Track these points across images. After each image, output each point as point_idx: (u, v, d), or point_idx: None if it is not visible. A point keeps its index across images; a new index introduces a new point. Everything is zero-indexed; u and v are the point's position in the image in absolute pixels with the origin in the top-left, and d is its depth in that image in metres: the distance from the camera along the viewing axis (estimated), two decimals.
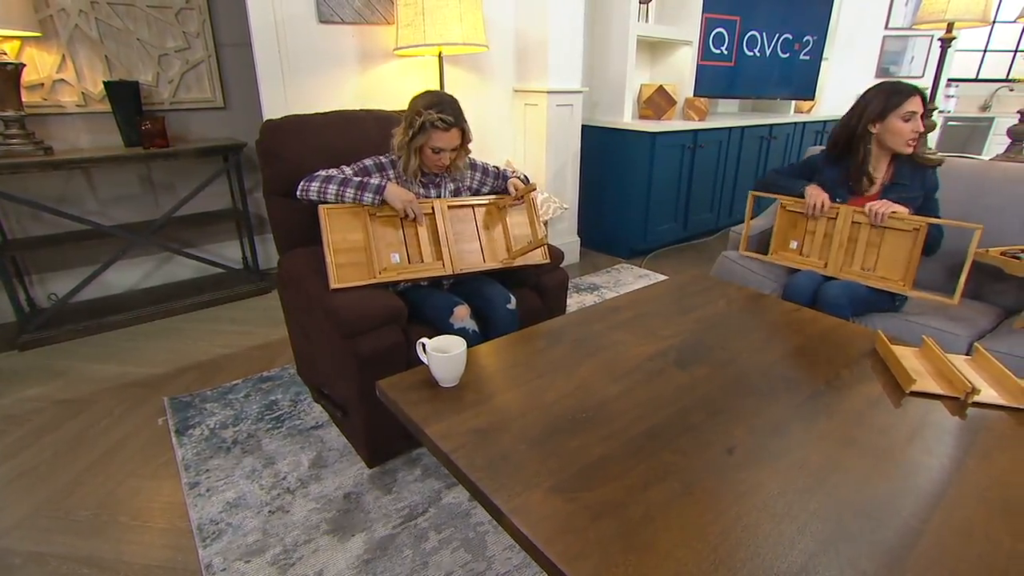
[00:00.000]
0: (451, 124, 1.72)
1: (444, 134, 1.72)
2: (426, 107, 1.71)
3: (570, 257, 3.64)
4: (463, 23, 2.45)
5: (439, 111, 1.70)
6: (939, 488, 0.97)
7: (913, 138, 1.85)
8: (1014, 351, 1.66)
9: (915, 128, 1.83)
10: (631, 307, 1.70)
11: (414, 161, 1.78)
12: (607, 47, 3.48)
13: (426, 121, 1.70)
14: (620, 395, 1.22)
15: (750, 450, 1.04)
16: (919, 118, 1.83)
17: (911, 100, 1.82)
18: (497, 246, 1.92)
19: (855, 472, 1.00)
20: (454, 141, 1.75)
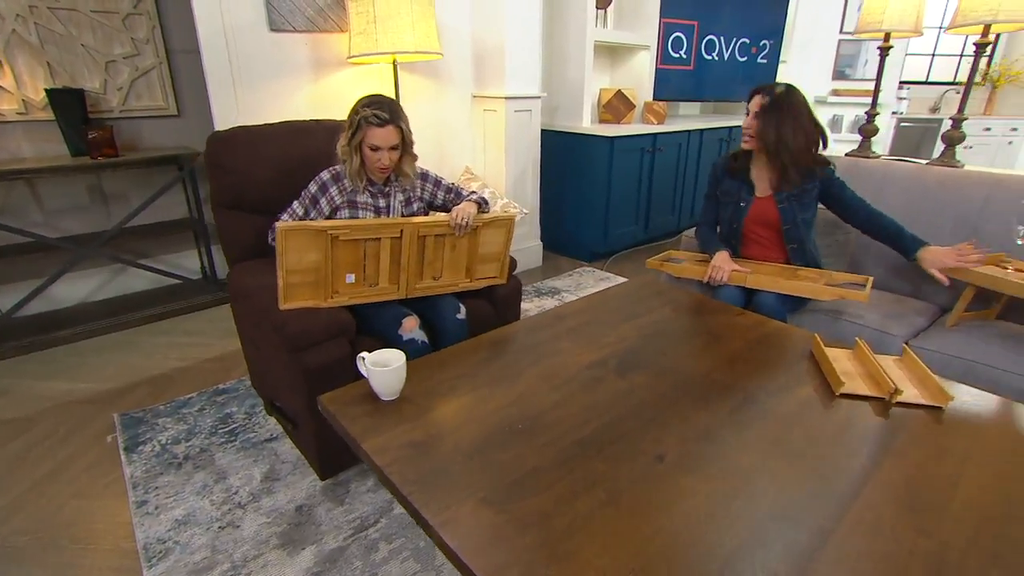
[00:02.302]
0: (386, 120, 1.72)
1: (379, 130, 1.72)
2: (363, 106, 1.73)
3: (532, 261, 3.67)
4: (415, 31, 2.45)
5: (374, 108, 1.71)
6: (855, 488, 1.00)
7: (747, 136, 1.97)
8: (944, 349, 1.73)
9: (747, 124, 1.96)
10: (578, 315, 1.73)
11: (356, 160, 1.77)
12: (565, 52, 3.52)
13: (361, 118, 1.71)
14: (558, 404, 1.25)
15: (680, 457, 1.07)
16: (753, 115, 1.94)
17: (752, 100, 1.95)
18: (459, 266, 1.90)
19: (779, 476, 1.03)
20: (391, 139, 1.74)
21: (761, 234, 2.09)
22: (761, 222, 2.06)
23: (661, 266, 2.17)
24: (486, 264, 1.96)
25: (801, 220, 2.00)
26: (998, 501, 0.98)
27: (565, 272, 3.59)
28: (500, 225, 1.91)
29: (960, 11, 2.17)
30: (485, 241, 1.91)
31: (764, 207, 2.04)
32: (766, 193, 2.03)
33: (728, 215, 2.12)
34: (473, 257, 1.90)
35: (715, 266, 1.97)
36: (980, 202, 2.07)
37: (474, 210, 1.83)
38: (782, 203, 1.99)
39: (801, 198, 1.98)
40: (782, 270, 2.01)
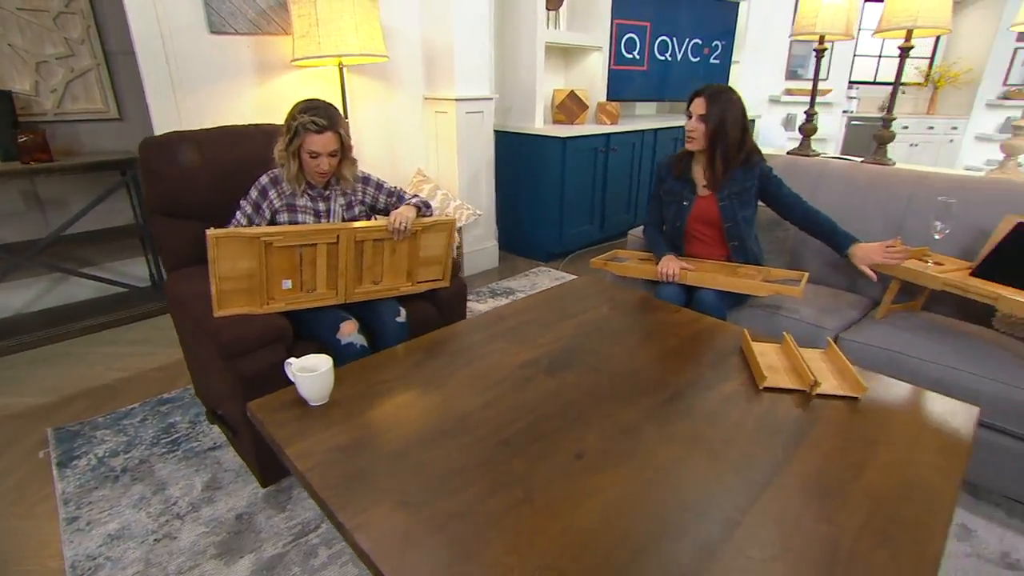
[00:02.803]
0: (324, 127, 1.71)
1: (318, 137, 1.71)
2: (300, 112, 1.71)
3: (488, 262, 3.68)
4: (359, 33, 2.44)
5: (312, 115, 1.70)
6: (767, 479, 1.04)
7: (690, 136, 2.01)
8: (871, 341, 1.80)
9: (688, 128, 2.00)
10: (517, 315, 1.75)
11: (294, 165, 1.76)
12: (517, 54, 3.54)
13: (299, 125, 1.70)
14: (486, 405, 1.26)
15: (598, 454, 1.10)
16: (697, 117, 1.98)
17: (694, 101, 1.99)
18: (400, 270, 1.90)
19: (695, 469, 1.06)
20: (330, 145, 1.74)
21: (704, 232, 2.13)
22: (703, 220, 2.10)
23: (605, 265, 2.21)
24: (428, 267, 1.96)
25: (742, 218, 2.05)
26: (896, 485, 1.03)
27: (521, 272, 3.61)
28: (440, 229, 1.92)
29: (885, 16, 2.26)
30: (426, 245, 1.91)
31: (706, 206, 2.08)
32: (707, 192, 2.08)
33: (672, 214, 2.17)
34: (414, 261, 1.90)
35: (664, 272, 2.01)
36: (906, 199, 2.16)
37: (412, 214, 1.83)
38: (723, 201, 2.04)
39: (741, 196, 2.04)
40: (722, 267, 2.06)
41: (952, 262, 1.87)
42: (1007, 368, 1.58)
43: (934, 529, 0.93)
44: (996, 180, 2.08)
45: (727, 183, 2.03)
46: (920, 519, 0.95)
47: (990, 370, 1.57)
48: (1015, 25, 2.10)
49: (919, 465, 1.09)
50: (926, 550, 0.88)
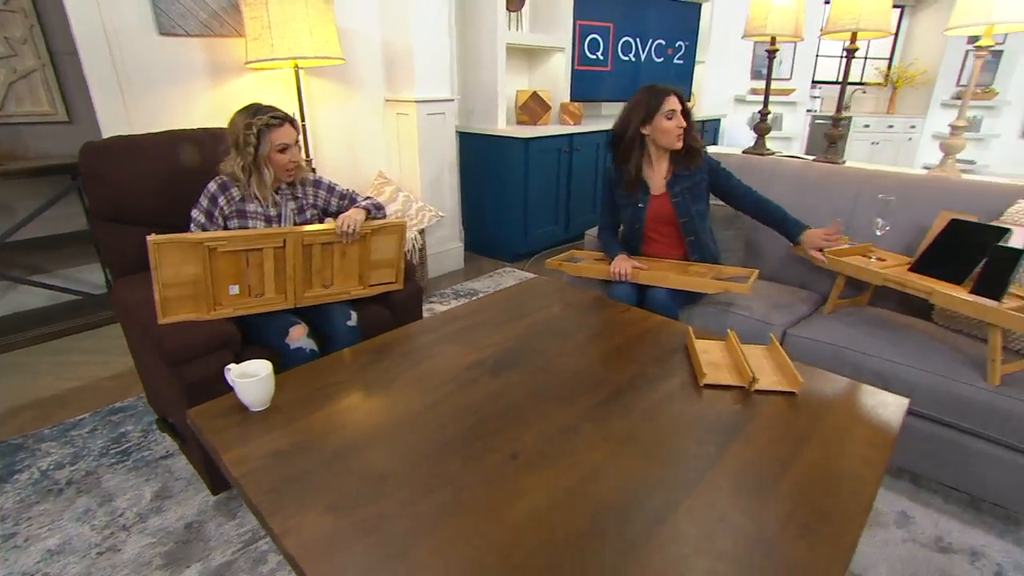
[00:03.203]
0: (283, 118, 1.73)
1: (281, 129, 1.71)
2: (252, 117, 1.70)
3: (454, 263, 3.67)
4: (313, 36, 2.42)
5: (267, 113, 1.71)
6: (699, 475, 1.06)
7: (679, 134, 2.00)
8: (817, 336, 1.83)
9: (678, 124, 1.99)
10: (468, 316, 1.75)
11: (269, 174, 1.74)
12: (478, 55, 3.54)
13: (261, 126, 1.69)
14: (426, 408, 1.26)
15: (534, 454, 1.11)
16: (680, 114, 1.99)
17: (668, 99, 1.98)
18: (351, 273, 1.88)
19: (629, 467, 1.08)
20: (293, 134, 1.75)
21: (661, 231, 2.16)
22: (660, 219, 2.13)
23: (560, 266, 2.22)
24: (380, 270, 1.95)
25: (696, 212, 2.08)
26: (823, 477, 1.05)
27: (486, 273, 3.61)
28: (391, 231, 1.91)
29: (830, 19, 2.31)
30: (377, 247, 1.91)
31: (661, 204, 2.11)
32: (661, 190, 2.11)
33: (629, 217, 2.18)
34: (365, 264, 1.89)
35: (616, 271, 2.03)
36: (853, 196, 2.21)
37: (361, 217, 1.82)
38: (676, 197, 2.07)
39: (693, 191, 2.07)
40: (674, 266, 2.09)
41: (895, 258, 1.92)
42: (943, 360, 1.62)
43: (853, 519, 0.95)
44: (935, 178, 2.14)
45: (679, 180, 2.07)
46: (841, 510, 0.97)
47: (926, 363, 1.62)
48: (948, 30, 2.16)
49: (847, 457, 1.12)
50: (843, 539, 0.91)
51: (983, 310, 1.49)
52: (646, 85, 2.05)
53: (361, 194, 2.02)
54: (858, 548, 1.53)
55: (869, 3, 2.22)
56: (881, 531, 1.60)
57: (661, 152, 2.09)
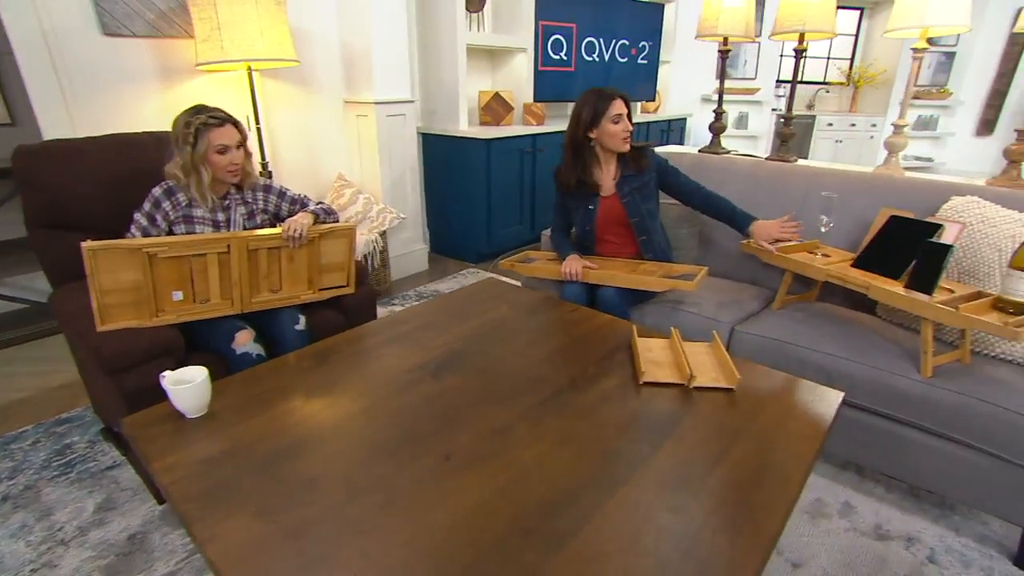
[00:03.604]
0: (223, 119, 1.70)
1: (221, 130, 1.68)
2: (191, 117, 1.68)
3: (418, 265, 3.66)
4: (265, 37, 2.39)
5: (206, 113, 1.68)
6: (628, 473, 1.07)
7: (625, 136, 2.01)
8: (763, 332, 1.86)
9: (625, 128, 2.00)
10: (417, 318, 1.75)
11: (207, 175, 1.71)
12: (439, 56, 3.53)
13: (199, 126, 1.66)
14: (363, 411, 1.25)
15: (467, 455, 1.10)
16: (626, 118, 2.00)
17: (614, 103, 1.98)
18: (300, 278, 1.86)
19: (560, 466, 1.08)
20: (234, 135, 1.71)
21: (613, 231, 2.18)
22: (611, 220, 2.14)
23: (512, 266, 2.22)
24: (331, 274, 1.94)
25: (646, 211, 2.10)
26: (751, 471, 1.07)
27: (451, 275, 3.60)
28: (340, 235, 1.90)
29: (778, 20, 2.35)
30: (326, 251, 1.89)
31: (611, 205, 2.12)
32: (610, 191, 2.12)
33: (580, 219, 2.19)
34: (314, 268, 1.87)
35: (566, 271, 2.04)
36: (801, 194, 2.25)
37: (308, 220, 1.81)
38: (625, 198, 2.09)
39: (642, 191, 2.10)
40: (625, 264, 2.11)
41: (839, 254, 1.96)
42: (882, 354, 1.66)
43: (776, 512, 0.97)
44: (878, 175, 2.20)
45: (627, 180, 2.09)
46: (766, 503, 0.99)
47: (866, 356, 1.66)
48: (887, 32, 2.22)
49: (777, 451, 1.14)
50: (764, 533, 0.93)
51: (914, 304, 1.53)
52: (592, 88, 2.05)
53: (314, 199, 2.00)
54: (801, 539, 1.57)
55: (814, 6, 2.26)
56: (825, 521, 1.63)
57: (609, 155, 2.11)
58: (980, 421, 1.44)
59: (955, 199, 1.88)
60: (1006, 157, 2.03)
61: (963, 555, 1.52)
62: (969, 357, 1.64)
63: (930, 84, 7.06)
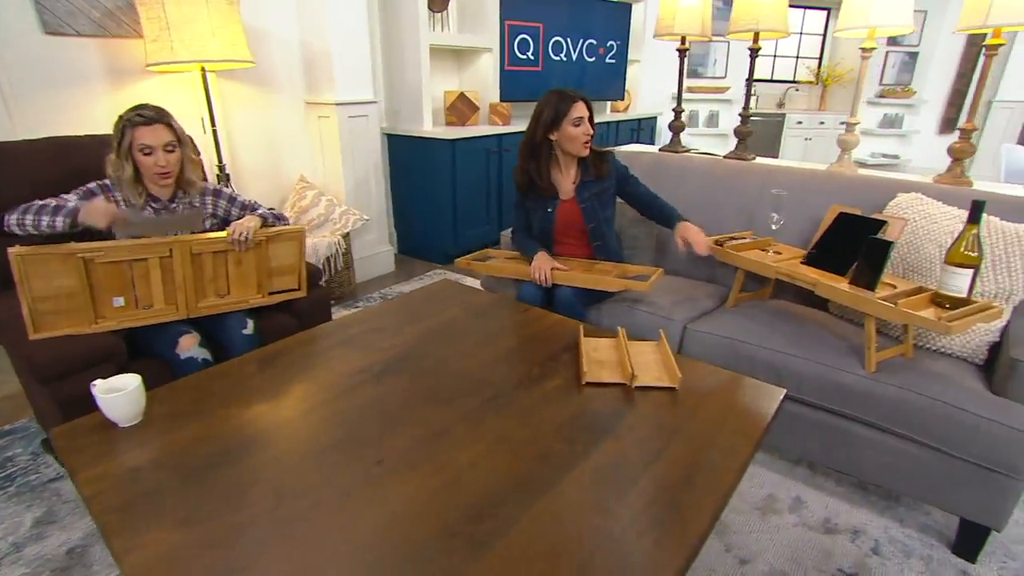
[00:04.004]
0: (151, 118, 1.64)
1: (147, 128, 1.64)
2: (124, 113, 1.65)
3: (384, 267, 3.63)
4: (218, 37, 2.35)
5: (136, 110, 1.65)
6: (562, 474, 1.06)
7: (586, 140, 1.98)
8: (715, 331, 1.86)
9: (586, 131, 1.97)
10: (368, 320, 1.73)
11: (128, 169, 1.66)
12: (402, 56, 3.50)
13: (125, 122, 1.63)
14: (300, 416, 1.23)
15: (401, 459, 1.09)
16: (587, 121, 1.98)
17: (576, 106, 1.95)
18: (248, 282, 1.83)
19: (494, 468, 1.07)
20: (161, 136, 1.66)
21: (571, 234, 2.16)
22: (569, 224, 2.13)
23: (469, 265, 2.21)
24: (281, 277, 1.91)
25: (603, 218, 2.10)
26: (685, 470, 1.07)
27: (417, 276, 3.58)
28: (289, 238, 1.87)
29: (733, 20, 2.37)
30: (275, 255, 1.86)
31: (569, 209, 2.11)
32: (569, 195, 2.10)
33: (538, 221, 2.16)
34: (263, 272, 1.84)
35: (536, 267, 2.00)
36: (756, 191, 2.27)
37: (254, 224, 1.78)
38: (584, 203, 2.08)
39: (601, 197, 2.09)
40: (580, 264, 2.10)
41: (791, 251, 1.98)
42: (829, 350, 1.68)
43: (704, 511, 0.97)
44: (832, 173, 2.23)
45: (587, 186, 2.07)
46: (695, 503, 0.99)
47: (814, 352, 1.67)
48: (837, 31, 2.25)
49: (713, 449, 1.14)
50: (690, 532, 0.93)
51: (857, 300, 1.55)
52: (554, 89, 2.02)
53: (266, 205, 1.97)
54: (751, 535, 1.58)
55: (767, 5, 2.28)
56: (775, 517, 1.64)
57: (569, 158, 2.08)
58: (919, 415, 1.46)
59: (901, 196, 1.91)
60: (950, 155, 2.07)
61: (905, 545, 1.55)
62: (912, 351, 1.67)
63: (895, 83, 7.20)
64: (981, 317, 1.41)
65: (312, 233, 3.10)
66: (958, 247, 1.46)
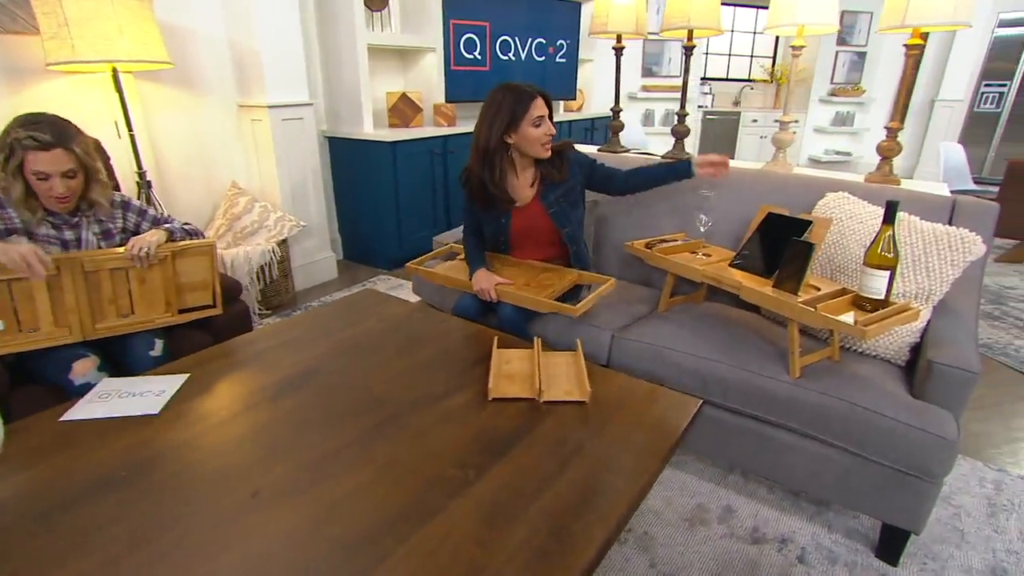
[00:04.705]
0: (49, 143, 1.48)
1: (44, 155, 1.48)
2: (18, 127, 1.48)
3: (325, 274, 3.51)
4: (127, 36, 2.21)
5: (31, 129, 1.47)
6: (447, 501, 0.98)
7: (546, 142, 1.81)
8: (642, 338, 1.80)
9: (547, 131, 1.80)
10: (279, 334, 1.64)
11: (17, 188, 1.51)
12: (340, 57, 3.39)
13: (14, 141, 1.47)
14: (178, 447, 1.14)
15: (279, 489, 1.01)
16: (548, 120, 1.81)
17: (535, 104, 1.77)
18: (155, 300, 1.71)
19: (377, 497, 1.00)
20: (61, 163, 1.50)
21: (532, 241, 1.99)
22: (528, 231, 1.97)
23: (417, 271, 2.09)
24: (194, 294, 1.80)
25: (576, 220, 1.95)
26: (580, 495, 1.01)
27: (360, 282, 3.47)
28: (199, 253, 1.76)
29: (665, 17, 2.34)
30: (185, 271, 1.75)
31: (529, 216, 1.94)
32: (528, 200, 1.94)
33: (491, 230, 1.99)
34: (171, 289, 1.73)
35: (479, 290, 1.82)
36: (689, 191, 2.23)
37: (156, 238, 1.67)
38: (552, 208, 1.92)
39: (568, 196, 1.93)
40: (528, 269, 1.95)
41: (721, 253, 1.94)
42: (755, 355, 1.64)
43: (593, 540, 0.91)
44: (766, 172, 2.20)
45: (551, 188, 1.91)
46: (586, 532, 0.93)
47: (739, 358, 1.63)
48: (766, 29, 2.23)
49: (615, 470, 1.08)
50: (575, 566, 0.86)
51: (780, 304, 1.51)
52: (505, 85, 1.81)
53: (179, 219, 1.86)
54: (676, 549, 1.53)
55: (699, 3, 2.25)
56: (703, 529, 1.60)
57: (526, 160, 1.91)
58: (840, 421, 1.43)
59: (829, 195, 1.89)
60: (879, 153, 2.06)
61: (831, 551, 1.52)
62: (839, 354, 1.64)
63: (845, 82, 7.33)
64: (896, 320, 1.39)
65: (246, 241, 2.98)
66: (875, 248, 1.43)
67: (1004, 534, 1.60)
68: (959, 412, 1.38)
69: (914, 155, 7.07)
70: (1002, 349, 2.73)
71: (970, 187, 4.68)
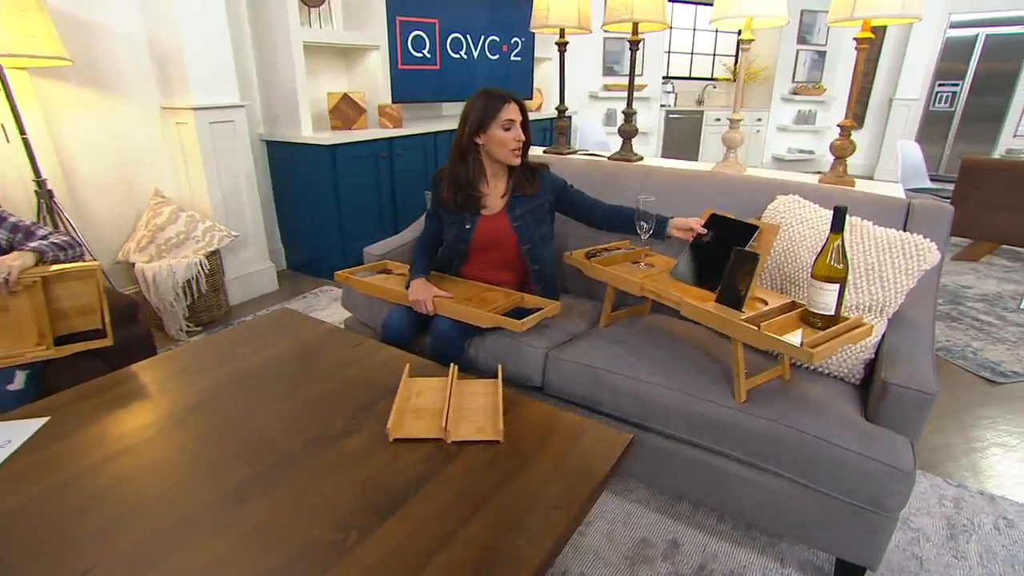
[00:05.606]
0: None
1: None
2: None
3: (265, 286, 3.30)
4: (12, 30, 1.99)
5: None
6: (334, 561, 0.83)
7: (515, 148, 1.74)
8: (578, 358, 1.63)
9: (516, 136, 1.72)
10: (177, 360, 1.46)
11: None
12: (274, 56, 3.19)
13: None
14: (15, 510, 0.95)
15: (123, 564, 0.83)
16: (520, 126, 1.73)
17: (507, 107, 1.70)
18: (24, 331, 1.50)
19: (230, 573, 0.83)
20: None
21: (489, 254, 1.88)
22: (488, 242, 1.85)
23: (347, 279, 1.91)
24: (80, 319, 1.59)
25: (539, 237, 1.85)
26: (477, 560, 0.86)
27: (302, 294, 3.27)
28: (80, 276, 1.56)
29: (608, 10, 2.20)
30: (62, 296, 1.55)
31: (493, 226, 1.84)
32: (496, 210, 1.84)
33: (453, 235, 1.88)
34: (44, 319, 1.52)
35: (416, 301, 1.72)
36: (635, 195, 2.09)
37: (23, 261, 1.46)
38: (517, 221, 1.82)
39: (536, 213, 1.84)
40: (468, 288, 1.83)
41: (665, 262, 1.80)
42: (699, 377, 1.49)
43: None
44: (715, 174, 2.08)
45: (519, 201, 1.82)
46: None
47: (683, 381, 1.49)
48: (712, 21, 2.11)
49: (523, 527, 0.93)
50: None
51: (721, 322, 1.38)
52: (484, 88, 1.77)
53: (48, 228, 1.66)
54: None
55: None
56: (646, 568, 1.46)
57: (498, 167, 1.83)
58: (788, 450, 1.31)
59: (780, 198, 1.77)
60: (832, 152, 1.96)
61: None
62: (790, 372, 1.51)
63: (807, 80, 7.34)
64: (848, 338, 1.27)
65: (170, 253, 2.76)
66: (823, 259, 1.30)
67: (964, 560, 1.50)
68: (915, 436, 1.27)
69: (874, 153, 7.11)
70: (960, 352, 2.67)
71: (927, 185, 4.67)
